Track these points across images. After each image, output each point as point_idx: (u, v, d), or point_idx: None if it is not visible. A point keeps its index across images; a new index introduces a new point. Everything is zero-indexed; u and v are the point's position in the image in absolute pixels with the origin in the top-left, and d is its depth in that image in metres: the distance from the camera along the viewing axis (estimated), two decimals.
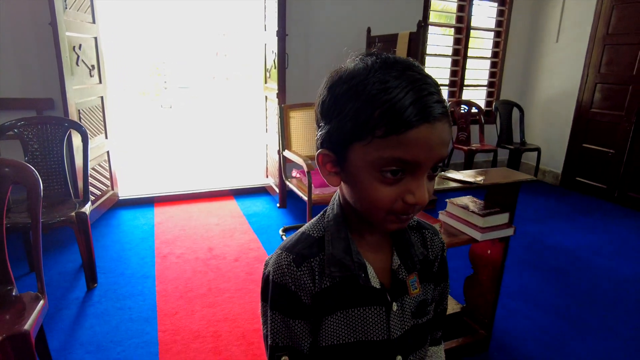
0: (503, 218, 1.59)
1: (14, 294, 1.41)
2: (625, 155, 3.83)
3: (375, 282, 0.59)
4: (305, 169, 2.39)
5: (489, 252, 1.74)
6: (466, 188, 1.47)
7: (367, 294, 0.60)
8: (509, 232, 1.60)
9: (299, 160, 2.50)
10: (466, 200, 1.72)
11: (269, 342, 0.61)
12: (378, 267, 0.61)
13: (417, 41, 3.09)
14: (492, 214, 1.57)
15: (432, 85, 0.49)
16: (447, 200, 1.73)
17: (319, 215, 0.64)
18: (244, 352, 1.78)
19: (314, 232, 0.61)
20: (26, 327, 1.22)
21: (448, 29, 4.39)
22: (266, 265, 0.62)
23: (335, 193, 0.63)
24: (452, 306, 1.94)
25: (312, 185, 2.47)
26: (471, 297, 1.88)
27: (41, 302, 1.36)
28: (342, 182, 0.57)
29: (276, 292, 0.59)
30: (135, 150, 6.10)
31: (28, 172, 1.39)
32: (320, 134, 0.55)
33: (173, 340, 1.84)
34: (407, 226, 0.63)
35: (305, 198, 2.44)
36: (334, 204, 0.62)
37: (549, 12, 4.44)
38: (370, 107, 0.48)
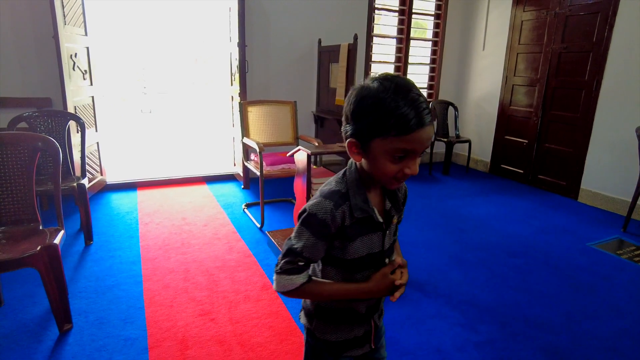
0: None
1: (40, 228, 2.03)
2: (535, 144, 4.62)
3: (379, 219, 0.91)
4: (258, 151, 3.06)
5: None
6: None
7: (373, 226, 0.91)
8: None
9: (254, 145, 3.16)
10: None
11: (297, 248, 0.87)
12: (378, 208, 0.91)
13: (354, 51, 3.79)
14: None
15: (425, 102, 0.78)
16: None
17: (340, 176, 0.91)
18: (206, 280, 2.43)
19: (341, 188, 0.89)
20: (55, 241, 1.85)
21: (391, 39, 5.12)
22: (307, 207, 0.88)
23: (350, 163, 0.91)
24: None
25: (264, 164, 3.14)
26: None
27: (62, 231, 1.99)
28: (362, 159, 0.86)
29: (316, 223, 0.86)
30: (121, 143, 6.70)
31: (52, 144, 2.02)
32: (349, 129, 0.83)
33: (153, 274, 2.48)
34: None
35: (259, 174, 3.10)
36: (351, 170, 0.89)
37: (477, 25, 5.23)
38: (388, 117, 0.76)
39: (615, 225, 3.49)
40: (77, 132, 3.21)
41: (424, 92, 5.49)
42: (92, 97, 3.69)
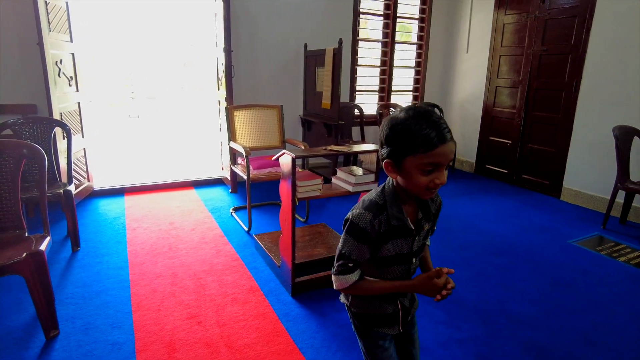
0: (370, 177, 2.33)
1: (26, 235, 2.04)
2: (518, 145, 4.71)
3: (411, 226, 1.06)
4: (244, 155, 3.09)
5: None
6: (339, 154, 2.20)
7: (405, 232, 1.07)
8: (373, 186, 2.34)
9: (241, 149, 3.18)
10: (354, 167, 2.46)
11: (345, 253, 1.05)
12: (411, 218, 1.07)
13: (340, 55, 3.83)
14: (363, 175, 2.31)
15: (444, 123, 0.93)
16: (336, 168, 2.47)
17: (380, 189, 1.07)
18: (193, 283, 2.45)
19: (379, 200, 1.05)
20: (41, 247, 1.86)
21: (376, 43, 5.19)
22: (351, 217, 1.05)
23: (388, 179, 1.06)
24: None
25: (251, 167, 3.17)
26: None
27: (48, 237, 2.00)
28: (397, 176, 1.01)
29: (358, 231, 1.03)
30: (109, 149, 6.68)
31: (38, 151, 2.03)
32: (385, 152, 0.99)
33: (141, 279, 2.49)
34: None
35: (246, 177, 3.13)
36: (389, 185, 1.05)
37: (460, 28, 5.32)
38: (415, 137, 0.92)
39: (596, 222, 3.58)
40: (63, 139, 3.21)
41: (410, 95, 5.60)
42: (79, 103, 3.69)
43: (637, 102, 3.53)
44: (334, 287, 1.11)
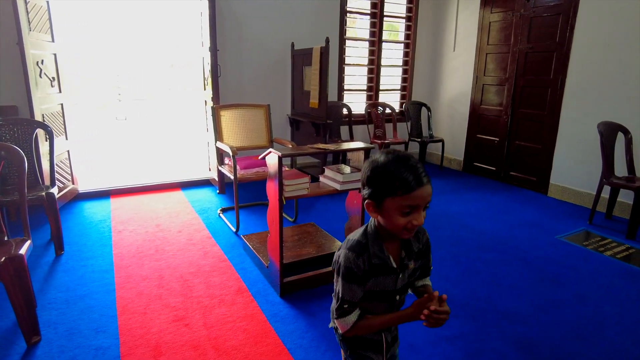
0: (357, 176, 2.31)
1: (5, 238, 1.98)
2: (506, 142, 4.73)
3: (394, 265, 1.09)
4: (231, 154, 3.05)
5: (355, 202, 2.46)
6: (324, 151, 2.18)
7: (388, 270, 1.09)
8: (356, 184, 2.32)
9: (228, 149, 3.15)
10: (342, 165, 2.45)
11: (340, 296, 1.08)
12: (394, 256, 1.10)
13: (327, 54, 3.82)
14: (350, 174, 2.29)
15: (421, 167, 0.98)
16: (324, 167, 2.45)
17: (363, 229, 1.11)
18: (180, 285, 2.41)
19: (362, 239, 1.08)
20: (21, 251, 1.81)
21: (364, 42, 5.18)
22: (338, 257, 1.10)
23: (371, 220, 1.10)
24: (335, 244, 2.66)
25: (238, 167, 3.13)
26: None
27: (28, 241, 1.95)
28: (378, 215, 1.05)
29: (346, 271, 1.06)
30: (95, 151, 6.57)
31: (16, 152, 1.98)
32: (366, 193, 1.03)
33: (127, 282, 2.44)
34: None
35: (233, 177, 3.10)
36: (372, 225, 1.09)
37: (447, 26, 5.34)
38: (394, 180, 0.96)
39: (582, 217, 3.61)
40: (46, 141, 3.14)
41: (397, 94, 5.61)
42: (62, 104, 3.62)
43: (621, 98, 3.57)
44: (340, 332, 1.14)
